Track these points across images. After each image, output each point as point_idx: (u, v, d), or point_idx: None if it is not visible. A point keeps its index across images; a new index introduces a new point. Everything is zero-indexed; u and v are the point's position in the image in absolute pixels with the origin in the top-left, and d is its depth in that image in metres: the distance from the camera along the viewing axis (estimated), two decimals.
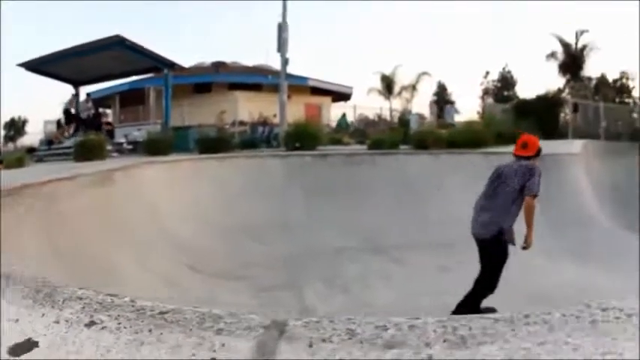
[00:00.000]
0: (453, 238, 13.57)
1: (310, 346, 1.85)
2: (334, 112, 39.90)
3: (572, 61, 42.79)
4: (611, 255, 13.50)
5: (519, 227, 7.98)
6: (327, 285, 10.33)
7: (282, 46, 24.78)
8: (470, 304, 7.76)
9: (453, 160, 17.50)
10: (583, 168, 19.15)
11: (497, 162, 16.04)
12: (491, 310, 7.22)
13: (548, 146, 19.90)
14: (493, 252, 7.82)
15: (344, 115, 36.25)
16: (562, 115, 30.70)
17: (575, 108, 30.49)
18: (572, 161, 18.46)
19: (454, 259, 12.09)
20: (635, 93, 62.66)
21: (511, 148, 8.96)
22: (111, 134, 23.51)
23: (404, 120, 30.03)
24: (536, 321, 1.89)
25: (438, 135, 21.65)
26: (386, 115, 41.14)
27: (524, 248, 7.75)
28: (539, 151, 8.40)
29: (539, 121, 25.84)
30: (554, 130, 27.14)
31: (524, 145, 8.35)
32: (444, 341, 1.75)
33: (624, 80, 63.59)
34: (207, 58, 41.52)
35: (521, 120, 24.50)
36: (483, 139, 20.28)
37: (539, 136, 23.40)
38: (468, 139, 20.28)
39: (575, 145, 21.36)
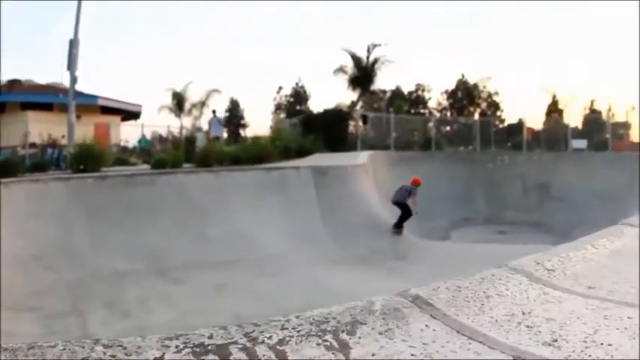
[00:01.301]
0: (234, 255, 14.43)
1: None
2: (124, 131, 39.74)
3: (362, 75, 45.15)
4: (398, 258, 14.83)
5: None
6: (110, 310, 10.56)
7: (71, 63, 24.02)
8: (397, 225, 18.09)
9: (234, 177, 18.17)
10: (370, 178, 20.56)
11: (280, 177, 17.31)
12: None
13: (334, 159, 21.43)
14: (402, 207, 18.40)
15: (144, 136, 36.41)
16: (352, 127, 32.44)
17: (365, 120, 32.49)
18: (357, 172, 19.89)
19: (234, 277, 12.85)
20: (430, 104, 67.86)
21: (296, 162, 10.21)
22: None
23: (190, 138, 30.42)
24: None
25: (221, 152, 22.35)
26: (176, 133, 41.39)
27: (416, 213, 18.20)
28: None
29: (326, 134, 27.25)
30: (342, 143, 28.63)
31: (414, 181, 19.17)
32: None
33: (420, 92, 68.62)
34: (4, 76, 39.81)
35: (308, 134, 25.81)
36: (269, 155, 21.12)
37: (327, 149, 24.91)
38: (253, 154, 21.23)
39: (361, 157, 22.91)
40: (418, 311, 2.15)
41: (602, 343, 1.96)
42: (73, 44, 24.06)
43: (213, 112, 31.07)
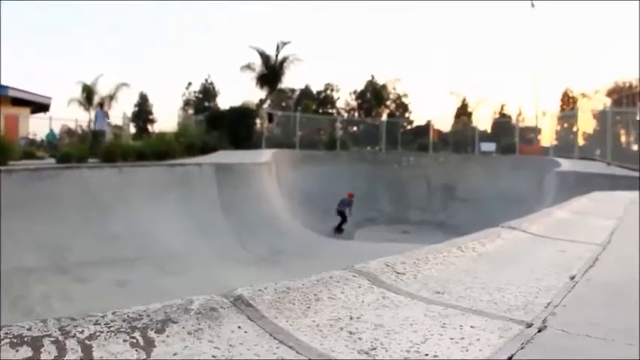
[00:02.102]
0: (137, 252, 14.27)
1: None
2: (33, 123, 38.69)
3: (271, 73, 45.15)
4: (300, 257, 15.00)
5: None
6: (12, 308, 10.32)
7: None
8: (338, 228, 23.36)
9: (137, 173, 18.00)
10: (273, 177, 20.72)
11: (183, 173, 17.26)
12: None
13: (237, 156, 21.49)
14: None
15: (51, 130, 35.61)
16: (257, 125, 32.54)
17: (271, 118, 32.66)
18: (260, 170, 20.09)
19: (136, 274, 12.76)
20: (339, 104, 68.53)
21: (200, 159, 10.33)
22: None
23: (96, 132, 29.88)
24: None
25: (126, 147, 22.16)
26: (85, 126, 40.56)
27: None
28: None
29: (232, 131, 27.29)
30: (247, 141, 28.74)
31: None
32: None
33: (328, 92, 69.20)
34: None
35: (214, 131, 25.79)
36: (172, 151, 21.06)
37: (232, 146, 24.94)
38: (157, 150, 21.16)
39: (264, 155, 23.16)
40: (235, 312, 2.13)
41: (426, 354, 1.91)
42: None
43: (100, 104, 30.90)
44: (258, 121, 32.80)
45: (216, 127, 27.39)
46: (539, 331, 2.23)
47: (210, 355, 1.74)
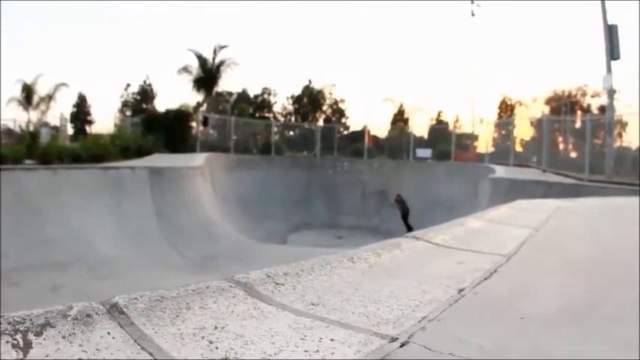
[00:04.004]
0: (70, 256, 14.20)
1: None
2: None
3: (208, 76, 45.13)
4: (232, 262, 15.08)
5: None
6: None
7: None
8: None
9: (71, 176, 17.80)
10: (207, 181, 20.85)
11: (117, 176, 17.28)
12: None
13: (171, 160, 21.53)
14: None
15: None
16: (193, 129, 32.58)
17: (205, 122, 32.73)
18: (194, 174, 20.23)
19: (69, 279, 12.70)
20: (276, 108, 68.64)
21: (134, 162, 10.49)
22: None
23: (33, 133, 29.47)
24: None
25: (63, 149, 22.05)
26: (25, 127, 39.88)
27: None
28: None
29: (167, 134, 27.32)
30: (182, 144, 28.78)
31: None
32: None
33: (266, 96, 69.23)
34: None
35: (150, 133, 25.80)
36: (107, 154, 21.14)
37: (167, 150, 24.90)
38: (93, 153, 21.13)
39: (198, 159, 23.32)
40: (108, 319, 2.21)
41: None
42: None
43: None
44: (193, 124, 32.84)
45: (152, 129, 27.32)
46: (402, 346, 2.29)
47: (78, 357, 1.88)
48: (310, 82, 66.65)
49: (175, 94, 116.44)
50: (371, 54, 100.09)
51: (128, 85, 71.52)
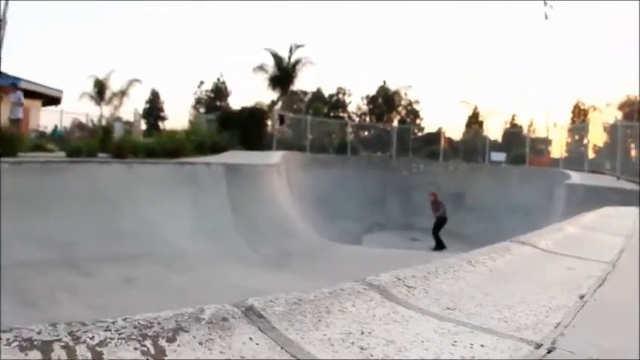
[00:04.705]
0: (143, 249, 14.07)
1: None
2: (44, 116, 39.27)
3: (283, 75, 45.26)
4: (306, 261, 14.87)
5: None
6: (16, 299, 10.15)
7: None
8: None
9: (146, 170, 17.89)
10: (283, 178, 20.64)
11: (192, 172, 17.17)
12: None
13: (247, 157, 21.42)
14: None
15: (55, 126, 36.52)
16: (269, 127, 32.50)
17: (282, 120, 32.63)
18: (270, 171, 20.01)
19: (142, 270, 12.59)
20: (350, 108, 68.62)
21: (209, 158, 10.43)
22: None
23: (107, 127, 29.91)
24: None
25: (136, 144, 22.19)
26: (97, 121, 40.94)
27: None
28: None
29: (243, 132, 27.26)
30: (258, 141, 28.70)
31: None
32: None
33: (340, 95, 69.28)
34: None
35: (225, 130, 25.72)
36: (182, 149, 21.08)
37: (242, 147, 24.85)
38: (167, 148, 21.18)
39: (275, 156, 23.19)
40: (247, 322, 2.07)
41: None
42: (0, 25, 23.51)
43: (13, 84, 27.00)
44: (269, 122, 32.77)
45: (227, 126, 27.35)
46: (549, 352, 2.19)
47: None
48: (385, 82, 66.48)
49: (248, 92, 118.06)
50: (446, 55, 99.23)
51: (202, 82, 73.09)
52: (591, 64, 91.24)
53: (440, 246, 23.59)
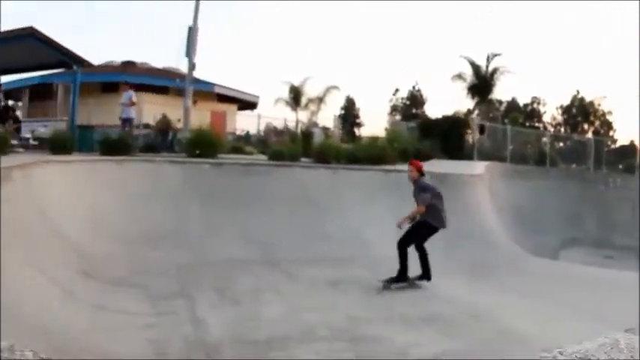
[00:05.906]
0: (348, 253, 14.69)
1: None
2: (240, 120, 42.02)
3: (482, 84, 44.90)
4: (510, 274, 14.68)
5: None
6: (219, 296, 10.68)
7: (190, 50, 25.35)
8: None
9: (352, 176, 18.68)
10: (486, 189, 20.62)
11: (398, 179, 17.58)
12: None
13: (451, 166, 21.54)
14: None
15: (247, 132, 39.81)
16: (469, 136, 32.59)
17: (482, 130, 32.37)
18: (474, 182, 20.04)
19: (348, 274, 12.93)
20: (545, 118, 66.75)
21: None
22: (17, 129, 23.97)
23: (307, 132, 31.06)
24: None
25: (339, 149, 22.89)
26: (291, 126, 42.49)
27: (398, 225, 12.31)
28: (420, 171, 12.72)
29: (443, 140, 27.40)
30: (459, 151, 28.75)
31: (408, 169, 12.78)
32: None
33: (535, 105, 67.54)
34: (119, 58, 42.53)
35: (425, 139, 26.02)
36: (385, 156, 21.76)
37: (444, 155, 25.09)
38: (370, 155, 21.72)
39: (478, 167, 23.14)
40: None
41: None
42: (193, 31, 25.19)
43: (126, 82, 27.66)
44: (469, 131, 32.72)
45: (428, 135, 27.67)
46: None
47: None
48: (578, 92, 64.17)
49: (442, 100, 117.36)
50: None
51: (397, 90, 73.71)
52: None
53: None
